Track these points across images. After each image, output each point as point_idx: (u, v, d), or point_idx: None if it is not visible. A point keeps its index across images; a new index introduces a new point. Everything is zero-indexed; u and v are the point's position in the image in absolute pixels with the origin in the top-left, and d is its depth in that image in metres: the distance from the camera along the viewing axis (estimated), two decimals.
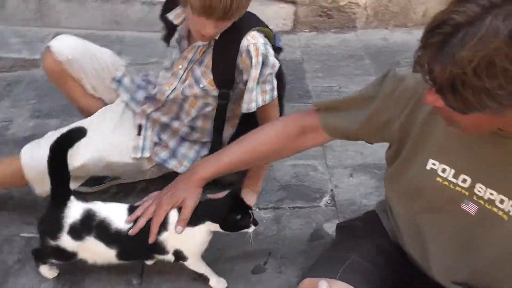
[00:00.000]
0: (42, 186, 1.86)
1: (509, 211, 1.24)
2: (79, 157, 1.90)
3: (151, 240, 1.63)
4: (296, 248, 1.98)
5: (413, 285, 1.51)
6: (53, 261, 1.78)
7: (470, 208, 1.31)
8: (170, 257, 1.72)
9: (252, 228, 1.63)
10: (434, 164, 1.36)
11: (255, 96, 1.91)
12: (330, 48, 3.54)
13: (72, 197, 1.66)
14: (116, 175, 2.20)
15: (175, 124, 2.09)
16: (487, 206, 1.28)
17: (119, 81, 2.13)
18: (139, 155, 2.06)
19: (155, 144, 2.10)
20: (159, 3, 3.29)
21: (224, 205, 1.63)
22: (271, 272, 1.90)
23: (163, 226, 1.65)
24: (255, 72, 1.88)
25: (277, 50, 2.02)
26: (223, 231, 1.65)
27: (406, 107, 1.40)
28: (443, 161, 1.34)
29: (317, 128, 1.60)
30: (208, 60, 1.94)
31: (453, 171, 1.32)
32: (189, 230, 1.64)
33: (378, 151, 2.06)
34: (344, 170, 2.41)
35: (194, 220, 1.64)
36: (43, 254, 1.78)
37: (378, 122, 1.47)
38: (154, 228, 1.62)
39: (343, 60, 3.41)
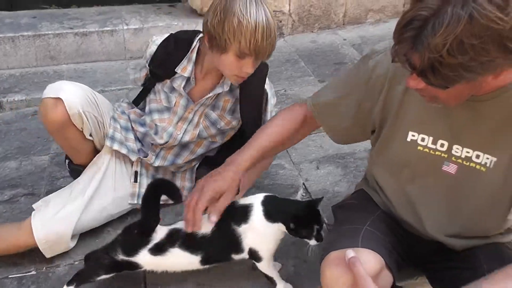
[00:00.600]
0: (51, 251, 1.98)
1: (486, 163, 1.41)
2: (86, 220, 2.02)
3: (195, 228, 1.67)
4: (288, 240, 2.05)
5: (412, 246, 1.64)
6: (102, 276, 1.79)
7: (451, 168, 1.48)
8: (245, 255, 1.75)
9: (313, 242, 1.65)
10: (413, 136, 1.51)
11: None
12: None
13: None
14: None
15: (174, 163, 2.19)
16: (465, 163, 1.45)
17: (112, 138, 2.10)
18: (135, 202, 2.16)
19: None
20: (90, 33, 3.37)
21: (298, 210, 1.66)
22: None
23: (244, 218, 1.69)
24: (270, 106, 2.13)
25: None
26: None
27: (382, 91, 1.56)
28: (421, 131, 1.50)
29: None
30: (224, 102, 2.08)
31: (431, 138, 1.49)
32: (267, 227, 1.69)
33: None
34: (310, 164, 2.53)
35: (274, 217, 1.68)
36: (93, 271, 1.80)
37: (364, 113, 1.62)
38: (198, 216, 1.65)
39: (281, 65, 3.56)
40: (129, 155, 2.12)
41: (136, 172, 2.17)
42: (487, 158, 1.41)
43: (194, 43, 1.99)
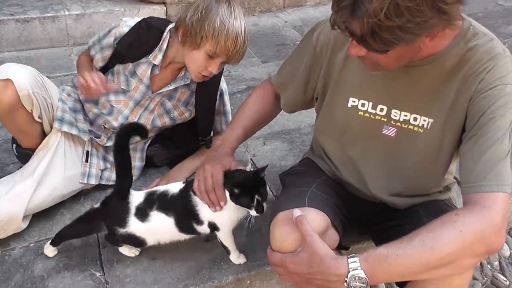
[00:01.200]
0: (4, 232, 1.99)
1: (423, 125, 1.53)
2: (38, 200, 2.01)
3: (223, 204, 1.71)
4: None
5: (357, 207, 1.76)
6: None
7: (390, 131, 1.59)
8: (205, 228, 1.80)
9: (253, 213, 1.68)
10: (354, 101, 1.62)
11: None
12: None
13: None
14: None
15: None
16: (404, 126, 1.56)
17: (60, 120, 2.10)
18: (85, 181, 2.19)
19: (102, 170, 2.24)
20: (32, 19, 3.34)
21: (241, 178, 1.71)
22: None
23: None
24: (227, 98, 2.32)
25: None
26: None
27: (326, 57, 1.65)
28: (361, 97, 1.60)
29: None
30: (180, 94, 2.17)
31: (371, 103, 1.59)
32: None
33: (281, 119, 2.32)
34: (257, 140, 2.62)
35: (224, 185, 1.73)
36: (115, 240, 1.87)
37: (313, 78, 1.73)
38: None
39: None
40: (80, 135, 2.14)
41: (87, 152, 2.19)
42: (424, 120, 1.53)
43: (165, 33, 2.04)
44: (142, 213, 1.79)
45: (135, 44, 2.04)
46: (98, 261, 1.95)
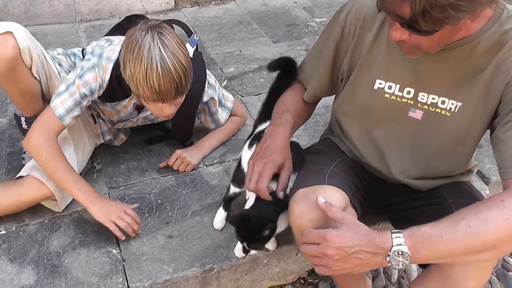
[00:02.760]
0: (64, 201, 2.05)
1: (451, 108, 1.50)
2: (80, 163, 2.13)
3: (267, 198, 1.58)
4: None
5: (377, 188, 1.74)
6: None
7: (417, 114, 1.56)
8: None
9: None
10: (380, 84, 1.58)
11: (219, 118, 2.35)
12: (217, 19, 3.70)
13: None
14: None
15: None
16: (431, 109, 1.53)
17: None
18: (102, 141, 2.27)
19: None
20: None
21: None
22: None
23: None
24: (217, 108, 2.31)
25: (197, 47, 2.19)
26: None
27: (354, 37, 1.61)
28: (388, 79, 1.57)
29: None
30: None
31: (398, 86, 1.56)
32: None
33: None
34: None
35: None
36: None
37: (340, 57, 1.68)
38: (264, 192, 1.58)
39: (234, 27, 3.59)
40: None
41: (92, 115, 2.22)
42: (452, 104, 1.50)
43: None
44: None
45: (114, 96, 2.03)
46: (114, 238, 1.94)
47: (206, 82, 2.20)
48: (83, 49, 2.27)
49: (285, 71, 1.84)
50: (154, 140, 2.44)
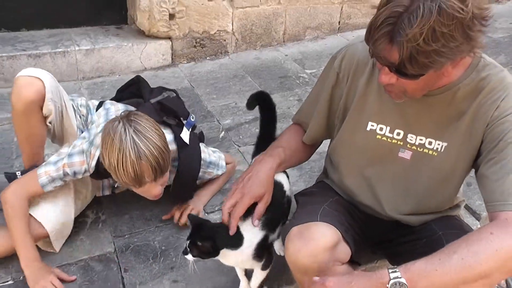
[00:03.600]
0: (58, 243, 2.16)
1: (437, 148, 1.63)
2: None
3: (231, 232, 1.69)
4: None
5: (370, 226, 1.83)
6: None
7: (406, 154, 1.68)
8: None
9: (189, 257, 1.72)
10: (372, 125, 1.71)
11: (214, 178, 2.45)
12: (213, 73, 3.85)
13: None
14: None
15: None
16: (419, 150, 1.65)
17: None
18: (101, 194, 2.38)
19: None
20: (43, 54, 3.45)
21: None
22: None
23: None
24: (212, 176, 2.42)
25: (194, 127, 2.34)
26: None
27: (347, 82, 1.75)
28: (379, 121, 1.70)
29: None
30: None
31: (388, 128, 1.68)
32: None
33: None
34: None
35: None
36: None
37: (335, 102, 1.81)
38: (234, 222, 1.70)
39: (229, 81, 3.74)
40: None
41: None
42: (438, 144, 1.62)
43: None
44: None
45: (102, 176, 2.12)
46: (120, 284, 2.02)
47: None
48: (100, 102, 2.34)
49: (263, 105, 1.98)
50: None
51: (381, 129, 1.70)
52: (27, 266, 1.97)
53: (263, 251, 1.78)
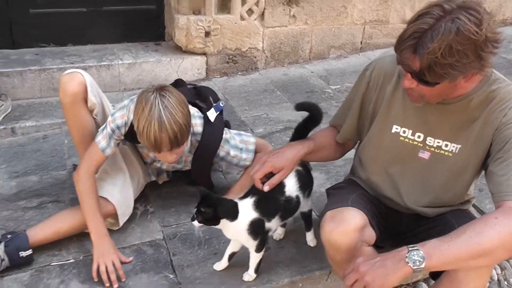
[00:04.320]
0: (123, 218, 2.46)
1: (452, 150, 1.90)
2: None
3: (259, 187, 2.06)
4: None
5: (391, 218, 2.10)
6: None
7: (425, 155, 1.96)
8: None
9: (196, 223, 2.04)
10: (397, 128, 1.99)
11: (244, 163, 2.52)
12: (244, 87, 4.17)
13: None
14: None
15: None
16: (436, 151, 1.93)
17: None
18: (148, 180, 2.67)
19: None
20: (89, 67, 3.76)
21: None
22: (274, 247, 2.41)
23: None
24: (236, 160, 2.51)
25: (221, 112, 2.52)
26: None
27: (376, 90, 2.03)
28: (403, 125, 1.98)
29: None
30: (185, 157, 2.53)
31: (410, 131, 1.96)
32: None
33: None
34: None
35: None
36: None
37: (365, 107, 2.10)
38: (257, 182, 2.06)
39: (259, 94, 4.05)
40: None
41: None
42: (453, 146, 1.89)
43: None
44: None
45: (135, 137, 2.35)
46: (170, 265, 2.29)
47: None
48: None
49: (312, 115, 2.19)
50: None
51: (404, 131, 1.97)
52: (97, 239, 2.25)
53: (257, 231, 2.06)
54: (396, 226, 2.12)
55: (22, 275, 2.21)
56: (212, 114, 2.41)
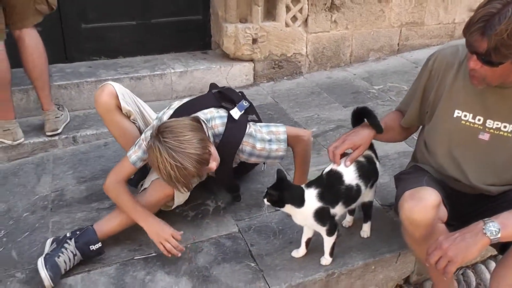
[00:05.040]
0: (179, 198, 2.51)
1: (511, 131, 2.01)
2: None
3: (337, 164, 2.20)
4: None
5: (457, 199, 2.20)
6: None
7: (485, 136, 2.07)
8: None
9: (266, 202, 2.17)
10: (458, 113, 2.11)
11: (276, 154, 2.52)
12: (292, 91, 4.29)
13: None
14: None
15: None
16: (496, 132, 2.05)
17: None
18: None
19: None
20: (143, 77, 3.93)
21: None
22: (345, 234, 2.51)
23: None
24: (265, 153, 2.50)
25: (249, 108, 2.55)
26: None
27: (437, 79, 2.15)
28: (464, 109, 2.09)
29: None
30: None
31: (471, 115, 2.08)
32: None
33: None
34: None
35: None
36: None
37: (426, 95, 2.22)
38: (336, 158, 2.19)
39: (307, 97, 4.16)
40: None
41: None
42: None
43: None
44: None
45: None
46: (249, 255, 2.40)
47: (244, 135, 2.42)
48: None
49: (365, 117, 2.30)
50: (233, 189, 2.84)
51: (465, 116, 2.09)
52: (144, 222, 2.35)
53: (324, 218, 2.18)
54: (462, 207, 2.21)
55: (108, 268, 2.34)
56: (235, 113, 2.45)
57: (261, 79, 4.42)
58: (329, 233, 2.23)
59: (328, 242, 2.28)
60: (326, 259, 2.32)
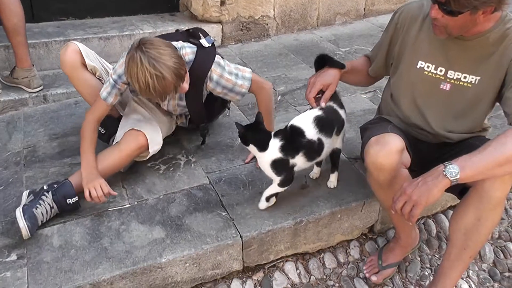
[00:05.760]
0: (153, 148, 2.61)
1: (471, 81, 2.14)
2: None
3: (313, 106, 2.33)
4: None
5: (418, 147, 2.33)
6: None
7: (446, 86, 2.19)
8: None
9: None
10: (421, 64, 2.22)
11: (239, 89, 2.63)
12: (260, 52, 4.35)
13: None
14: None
15: None
16: (456, 83, 2.17)
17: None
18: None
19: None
20: (112, 37, 3.93)
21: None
22: (313, 185, 2.62)
23: None
24: (230, 84, 2.60)
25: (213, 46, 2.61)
26: None
27: (402, 32, 2.27)
28: (427, 60, 2.21)
29: None
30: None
31: (433, 65, 2.20)
32: None
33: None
34: None
35: None
36: None
37: (392, 46, 2.33)
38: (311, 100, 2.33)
39: (275, 58, 4.24)
40: None
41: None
42: (472, 78, 2.13)
43: None
44: None
45: None
46: (220, 205, 2.49)
47: (213, 64, 2.51)
48: None
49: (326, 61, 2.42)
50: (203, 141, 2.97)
51: (428, 66, 2.21)
52: (84, 169, 2.44)
53: (281, 169, 2.27)
54: (425, 154, 2.33)
55: (83, 219, 2.40)
56: (205, 43, 2.53)
57: (229, 41, 4.47)
58: (281, 184, 2.33)
59: (273, 188, 2.36)
60: (261, 202, 2.44)
